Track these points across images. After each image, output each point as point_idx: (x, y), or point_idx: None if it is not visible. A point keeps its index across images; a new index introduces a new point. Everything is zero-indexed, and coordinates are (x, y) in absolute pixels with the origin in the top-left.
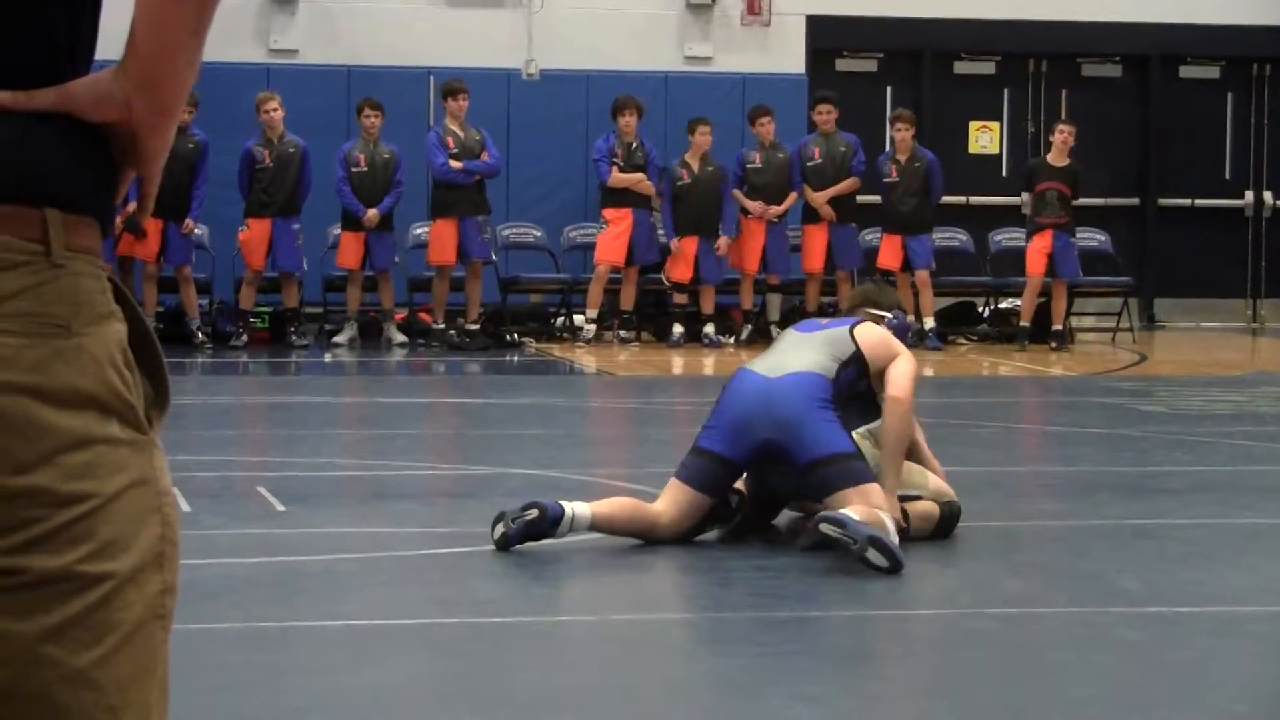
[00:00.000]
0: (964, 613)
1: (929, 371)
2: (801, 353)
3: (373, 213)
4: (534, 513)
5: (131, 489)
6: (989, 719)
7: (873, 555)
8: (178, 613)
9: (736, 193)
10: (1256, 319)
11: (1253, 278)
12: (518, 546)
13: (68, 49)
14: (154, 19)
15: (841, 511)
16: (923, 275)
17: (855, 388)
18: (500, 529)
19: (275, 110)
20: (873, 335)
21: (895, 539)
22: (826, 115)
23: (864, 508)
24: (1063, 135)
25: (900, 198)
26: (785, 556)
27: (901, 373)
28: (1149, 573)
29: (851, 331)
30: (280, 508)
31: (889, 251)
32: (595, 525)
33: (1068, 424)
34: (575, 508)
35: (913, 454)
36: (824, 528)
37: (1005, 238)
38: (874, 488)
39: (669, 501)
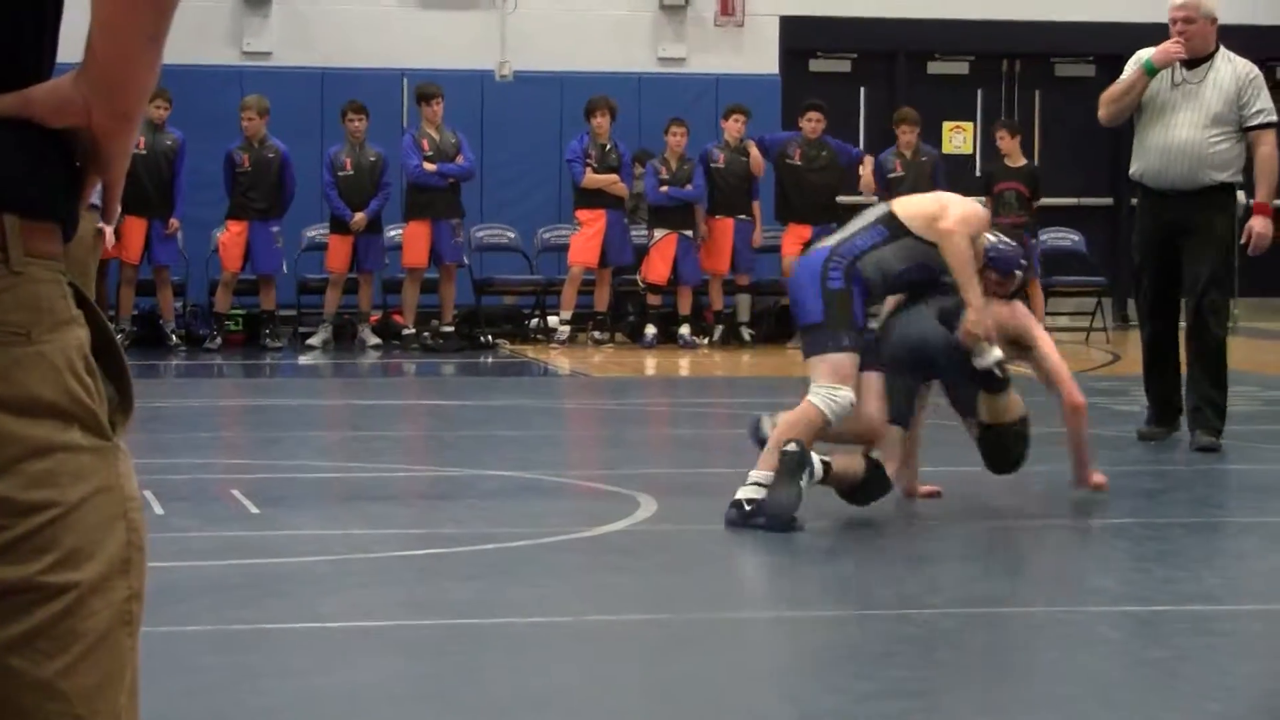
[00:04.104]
0: (942, 612)
1: None
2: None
3: (360, 216)
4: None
5: (95, 496)
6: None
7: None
8: (151, 615)
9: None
10: (1231, 319)
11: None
12: None
13: (31, 55)
14: (112, 25)
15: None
16: None
17: (880, 253)
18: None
19: (251, 120)
20: (912, 198)
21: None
22: (815, 123)
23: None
24: (1001, 139)
25: (908, 193)
26: (759, 556)
27: (951, 215)
28: (1125, 572)
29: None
30: (254, 510)
31: None
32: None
33: (1041, 424)
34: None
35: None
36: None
37: None
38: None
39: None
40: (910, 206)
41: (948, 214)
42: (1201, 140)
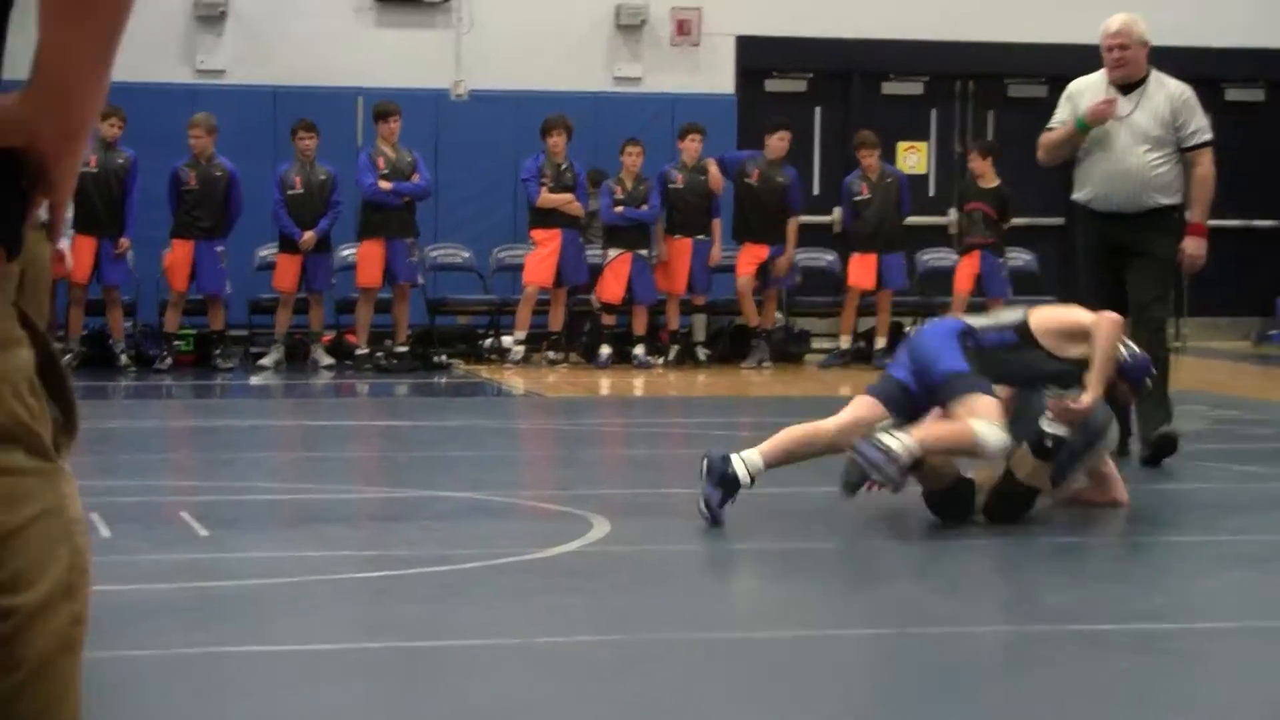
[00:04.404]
0: (893, 632)
1: None
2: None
3: (309, 235)
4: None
5: (39, 519)
6: None
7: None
8: (100, 639)
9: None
10: (1179, 338)
11: (1175, 297)
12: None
13: None
14: (60, 45)
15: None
16: (887, 295)
17: (1004, 354)
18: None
19: (198, 138)
20: (1046, 309)
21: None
22: (780, 143)
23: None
24: (973, 160)
25: (875, 214)
26: (712, 577)
27: (1101, 314)
28: (1074, 591)
29: (1028, 309)
30: (204, 532)
31: (862, 270)
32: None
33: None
34: (744, 454)
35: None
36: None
37: (933, 258)
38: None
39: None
40: (1045, 320)
41: (1093, 318)
42: (1144, 164)
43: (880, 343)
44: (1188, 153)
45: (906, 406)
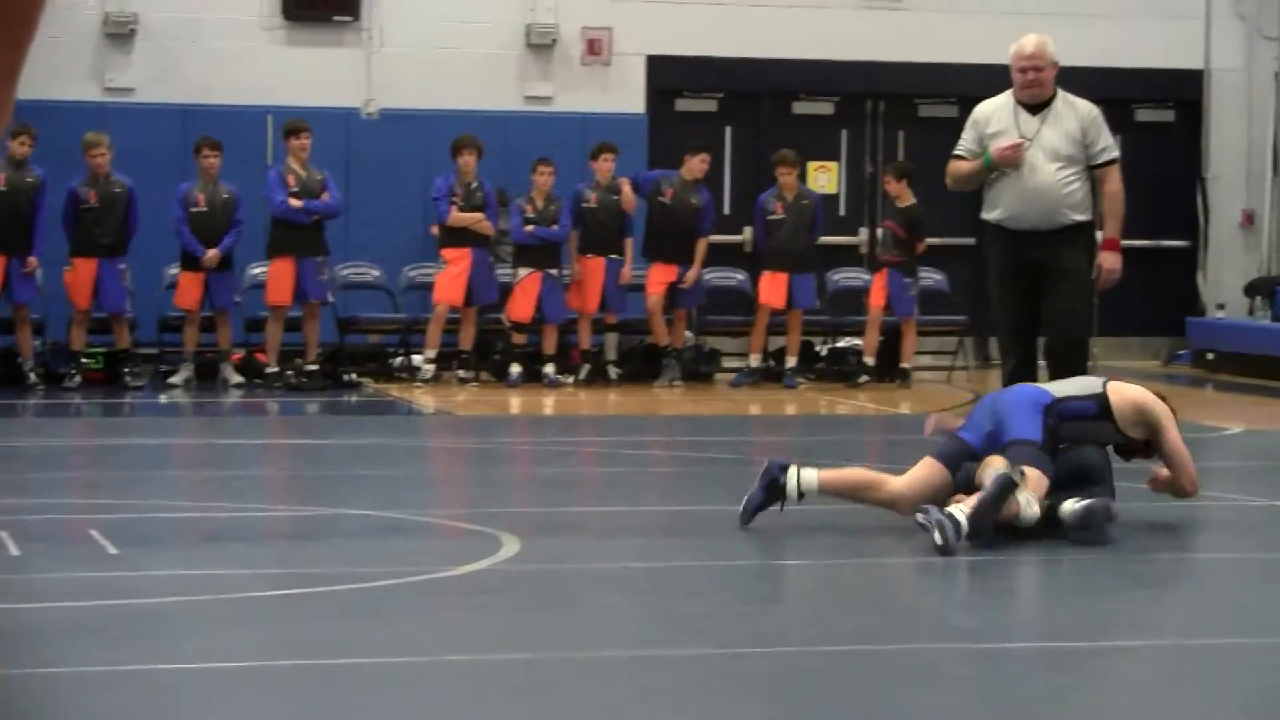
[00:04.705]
0: (800, 650)
1: (789, 410)
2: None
3: (213, 253)
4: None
5: None
6: None
7: (936, 536)
8: (8, 657)
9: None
10: (1089, 357)
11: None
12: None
13: None
14: None
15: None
16: (797, 315)
17: (1081, 424)
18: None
19: (104, 155)
20: (1125, 389)
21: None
22: (700, 165)
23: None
24: (887, 183)
25: (789, 235)
26: (620, 595)
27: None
28: (980, 610)
29: (1106, 381)
30: (113, 550)
31: (773, 289)
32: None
33: (906, 461)
34: (803, 471)
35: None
36: (917, 518)
37: (843, 277)
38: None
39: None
40: (1123, 395)
41: (1164, 410)
42: (1056, 182)
43: (791, 362)
44: (1096, 170)
45: (971, 470)
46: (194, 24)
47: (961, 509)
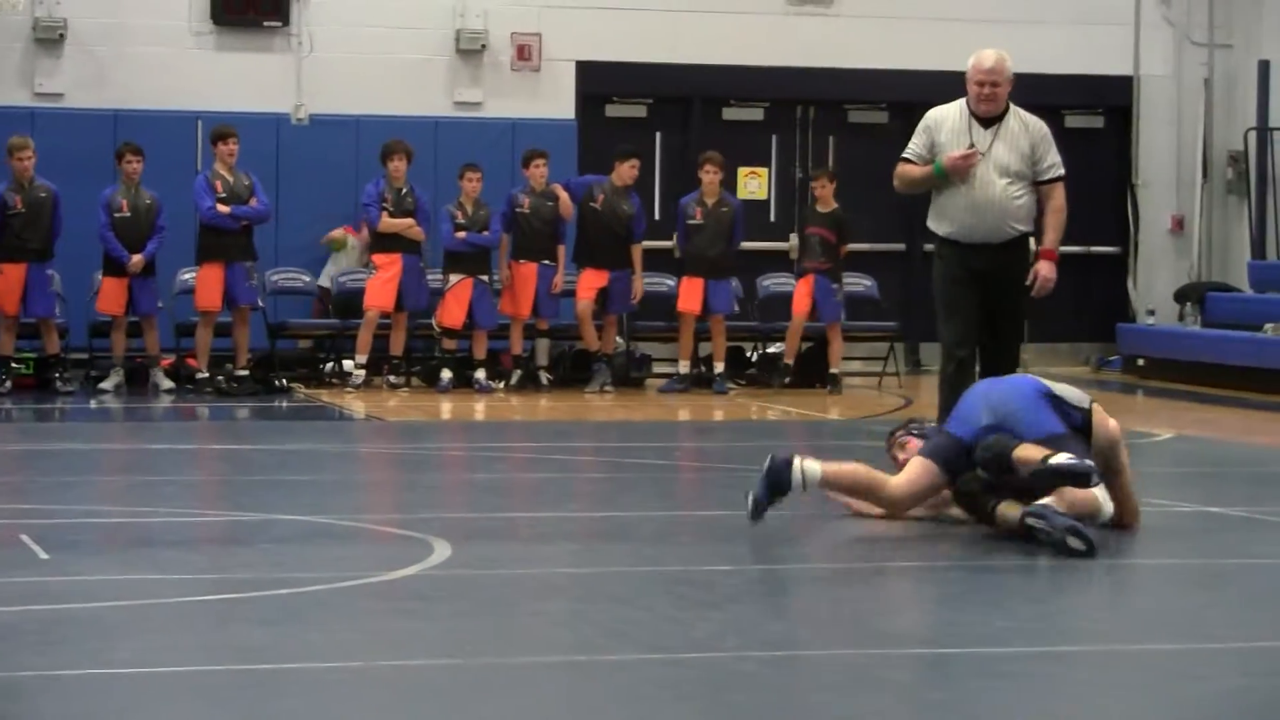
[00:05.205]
0: (730, 655)
1: (718, 416)
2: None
3: (138, 258)
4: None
5: None
6: None
7: (1072, 542)
8: None
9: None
10: (1019, 364)
11: None
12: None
13: None
14: None
15: (1042, 504)
16: (719, 320)
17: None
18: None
19: (29, 159)
20: (1107, 418)
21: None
22: (630, 171)
23: (1066, 497)
24: (819, 186)
25: (707, 241)
26: (552, 601)
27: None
28: (908, 615)
29: (1092, 402)
30: (44, 556)
31: (690, 295)
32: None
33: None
34: (805, 463)
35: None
36: (1029, 521)
37: (773, 283)
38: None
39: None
40: (1104, 423)
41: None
42: (1005, 196)
43: (718, 367)
44: (1043, 185)
45: (964, 467)
46: (123, 29)
47: (1062, 512)
